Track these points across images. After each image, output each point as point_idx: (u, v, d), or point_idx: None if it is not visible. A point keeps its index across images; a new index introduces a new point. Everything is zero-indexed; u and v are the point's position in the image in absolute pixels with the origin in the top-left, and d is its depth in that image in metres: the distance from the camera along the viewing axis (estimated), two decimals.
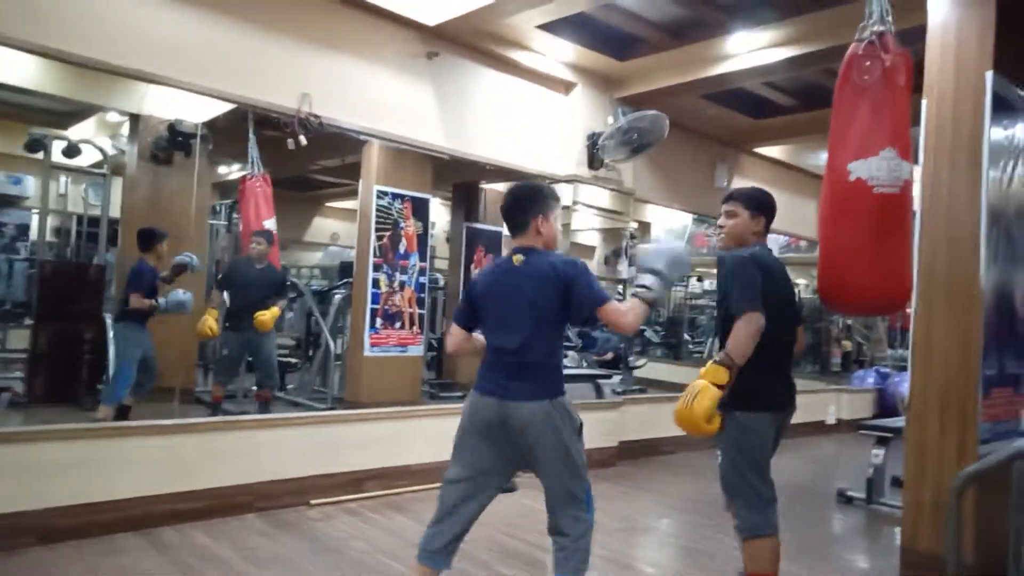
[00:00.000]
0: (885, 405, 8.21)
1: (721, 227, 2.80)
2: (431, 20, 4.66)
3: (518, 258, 2.38)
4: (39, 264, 6.46)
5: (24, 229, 8.96)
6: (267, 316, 5.05)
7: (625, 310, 2.31)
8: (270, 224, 5.26)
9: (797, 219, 7.90)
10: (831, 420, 7.92)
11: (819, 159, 5.85)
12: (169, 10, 3.73)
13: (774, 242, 8.85)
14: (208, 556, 3.21)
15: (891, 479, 4.93)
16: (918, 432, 3.32)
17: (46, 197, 6.73)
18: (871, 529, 4.49)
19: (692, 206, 7.15)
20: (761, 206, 2.78)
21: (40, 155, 6.39)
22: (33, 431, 3.39)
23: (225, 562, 3.15)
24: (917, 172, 3.30)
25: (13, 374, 6.28)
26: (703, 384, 2.37)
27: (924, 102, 3.36)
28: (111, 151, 6.74)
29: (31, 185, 9.09)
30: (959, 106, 3.30)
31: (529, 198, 2.43)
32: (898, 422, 4.96)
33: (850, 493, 4.87)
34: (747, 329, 2.41)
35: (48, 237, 8.06)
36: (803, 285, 12.19)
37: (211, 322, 5.06)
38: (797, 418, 6.64)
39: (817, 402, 7.93)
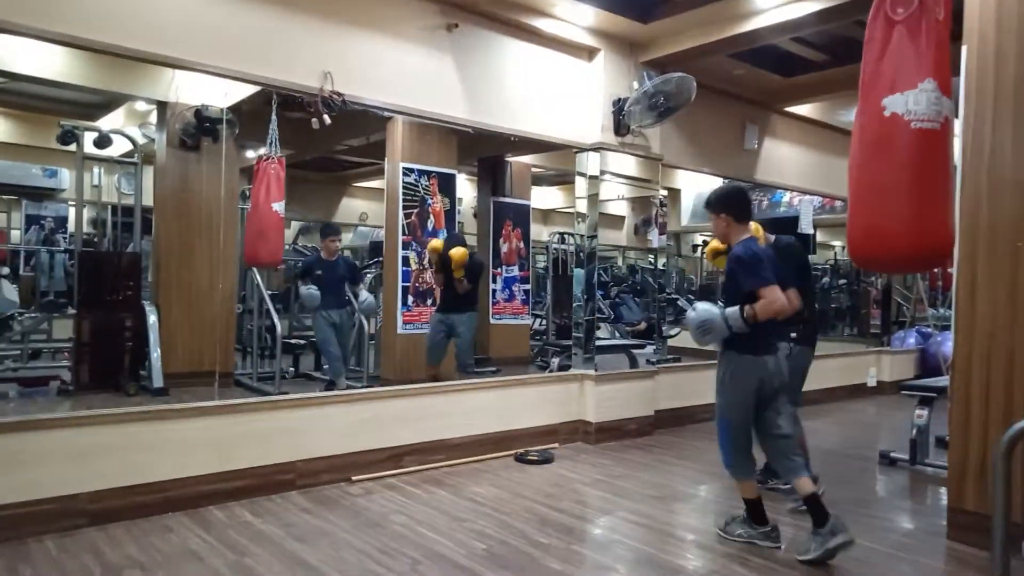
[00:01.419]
0: (927, 366, 8.04)
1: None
2: None
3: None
4: (78, 255, 6.60)
5: (62, 221, 9.14)
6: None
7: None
8: (278, 207, 5.29)
9: (832, 179, 7.71)
10: (872, 382, 7.79)
11: (852, 116, 5.68)
12: None
13: (809, 203, 8.64)
14: (254, 533, 3.28)
15: (935, 439, 4.84)
16: (963, 391, 3.24)
17: (81, 188, 6.85)
18: (916, 490, 4.42)
19: (722, 170, 7.00)
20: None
21: (73, 147, 6.48)
22: (81, 416, 3.48)
23: (270, 538, 3.22)
24: (957, 124, 3.18)
25: (60, 363, 6.45)
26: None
27: (964, 48, 3.22)
28: (141, 140, 6.81)
29: (66, 178, 9.27)
30: (1002, 51, 3.16)
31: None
32: (941, 382, 4.86)
33: (894, 455, 4.79)
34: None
35: (85, 228, 8.23)
36: (839, 247, 11.94)
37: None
38: (836, 381, 6.70)
39: (857, 364, 7.80)
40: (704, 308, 3.23)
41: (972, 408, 3.20)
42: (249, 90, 5.49)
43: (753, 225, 3.37)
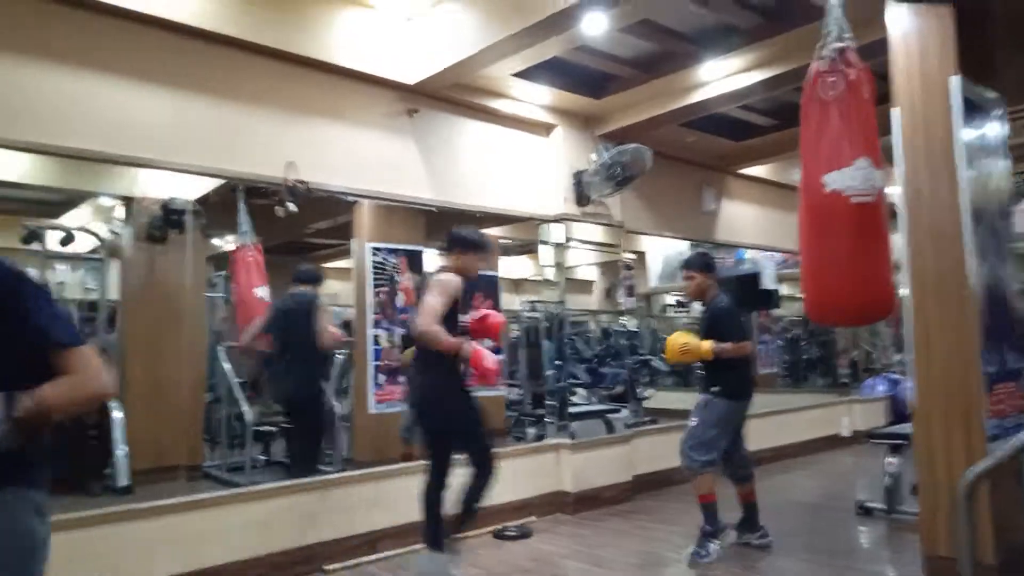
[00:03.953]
0: (899, 412, 8.13)
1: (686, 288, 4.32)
2: (409, 79, 4.78)
3: None
4: None
5: None
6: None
7: None
8: (262, 292, 5.29)
9: (790, 235, 7.94)
10: (846, 432, 7.85)
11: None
12: (150, 96, 3.83)
13: (770, 260, 8.87)
14: None
15: (911, 487, 4.87)
16: (925, 436, 3.30)
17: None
18: (893, 539, 4.43)
19: (683, 232, 7.21)
20: (708, 266, 4.26)
21: (36, 246, 6.45)
22: None
23: None
24: (896, 179, 3.36)
25: None
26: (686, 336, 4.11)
27: (895, 111, 3.43)
28: (106, 235, 6.82)
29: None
30: (929, 112, 3.36)
31: None
32: (908, 428, 4.92)
33: (869, 504, 4.81)
34: (738, 349, 4.09)
35: None
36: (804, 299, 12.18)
37: None
38: (810, 433, 6.80)
39: (829, 415, 7.87)
40: None
41: (936, 452, 3.26)
42: (216, 181, 5.58)
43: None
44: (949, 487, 3.17)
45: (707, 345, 4.03)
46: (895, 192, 3.38)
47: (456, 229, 3.90)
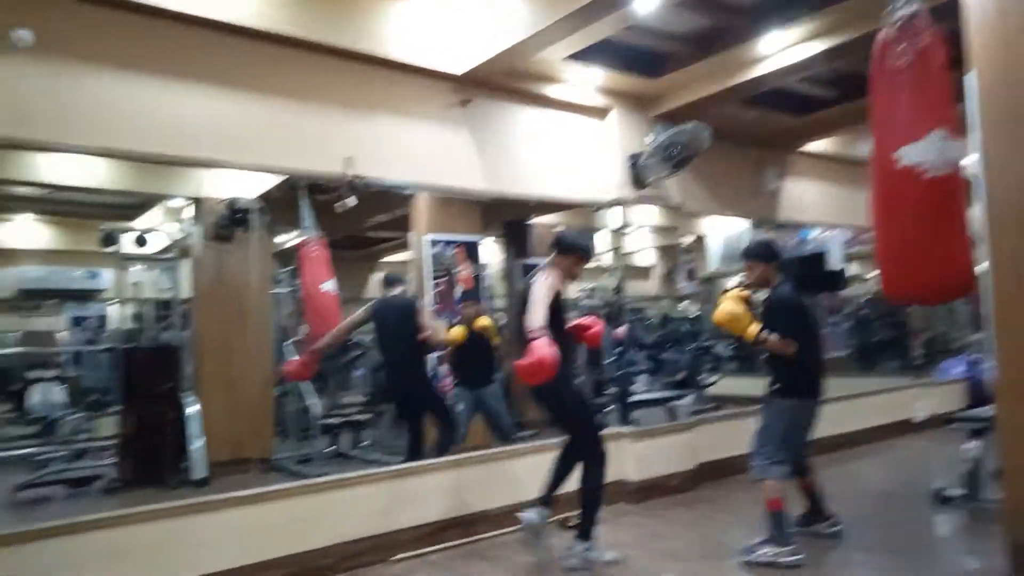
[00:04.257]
0: (977, 394, 7.75)
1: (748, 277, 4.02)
2: (459, 69, 4.78)
3: None
4: (120, 352, 6.79)
5: (102, 320, 9.45)
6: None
7: None
8: (328, 286, 5.38)
9: (858, 211, 7.65)
10: (919, 417, 7.53)
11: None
12: (210, 97, 3.94)
13: (836, 239, 8.56)
14: None
15: (992, 473, 4.64)
16: (1009, 418, 3.12)
17: (120, 287, 7.09)
18: (973, 528, 4.23)
19: (743, 212, 7.02)
20: (769, 256, 3.95)
21: (113, 248, 6.75)
22: (118, 516, 3.49)
23: None
24: (972, 148, 3.17)
25: (105, 461, 6.56)
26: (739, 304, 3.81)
27: (970, 75, 3.24)
28: (178, 235, 7.08)
29: (107, 278, 9.61)
30: (1008, 75, 3.15)
31: None
32: (989, 411, 4.68)
33: (948, 492, 4.59)
34: (782, 346, 3.74)
35: (127, 324, 8.48)
36: (876, 277, 11.73)
37: None
38: (881, 419, 6.53)
39: (902, 400, 7.55)
40: None
41: (1021, 436, 3.09)
42: (277, 178, 5.72)
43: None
44: None
45: (753, 329, 3.76)
46: (971, 162, 3.19)
47: (563, 231, 4.06)
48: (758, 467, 3.74)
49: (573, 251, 3.94)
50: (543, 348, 3.35)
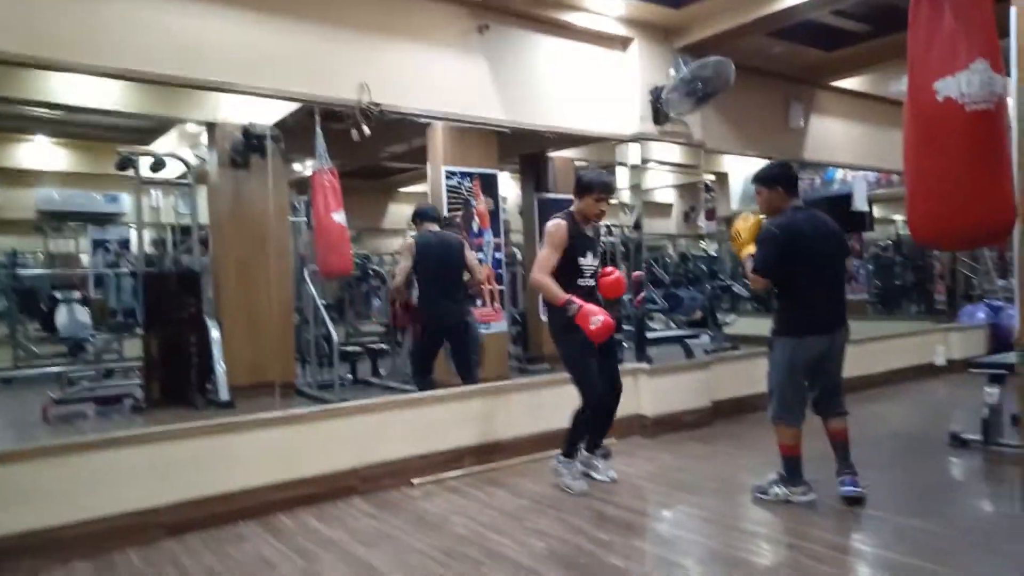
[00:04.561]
0: (1000, 340, 7.71)
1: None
2: None
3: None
4: (141, 276, 6.86)
5: (125, 243, 9.53)
6: None
7: None
8: (339, 216, 5.34)
9: (886, 152, 7.45)
10: (940, 361, 7.51)
11: (903, 86, 5.39)
12: (225, 19, 3.83)
13: (862, 179, 8.38)
14: (322, 539, 3.37)
15: (1011, 418, 4.65)
16: None
17: (139, 212, 7.12)
18: (990, 472, 4.25)
19: (767, 151, 6.82)
20: (774, 180, 3.66)
21: (130, 172, 6.74)
22: (156, 432, 3.63)
23: (337, 544, 3.30)
24: (1012, 85, 3.05)
25: (132, 380, 6.73)
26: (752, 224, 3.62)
27: (1014, 8, 3.08)
28: (193, 161, 7.05)
29: (126, 202, 9.64)
30: None
31: None
32: (1011, 357, 4.65)
33: (965, 436, 4.62)
34: (752, 280, 3.63)
35: (147, 249, 8.54)
36: (900, 221, 11.55)
37: None
38: (901, 362, 6.46)
39: (923, 343, 7.53)
40: None
41: None
42: (292, 105, 5.63)
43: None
44: None
45: (748, 250, 3.59)
46: (1011, 100, 3.07)
47: (580, 171, 4.05)
48: (771, 410, 3.69)
49: (591, 190, 3.91)
50: (590, 318, 3.61)
